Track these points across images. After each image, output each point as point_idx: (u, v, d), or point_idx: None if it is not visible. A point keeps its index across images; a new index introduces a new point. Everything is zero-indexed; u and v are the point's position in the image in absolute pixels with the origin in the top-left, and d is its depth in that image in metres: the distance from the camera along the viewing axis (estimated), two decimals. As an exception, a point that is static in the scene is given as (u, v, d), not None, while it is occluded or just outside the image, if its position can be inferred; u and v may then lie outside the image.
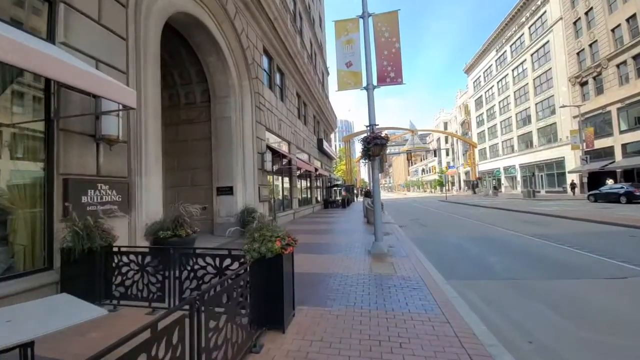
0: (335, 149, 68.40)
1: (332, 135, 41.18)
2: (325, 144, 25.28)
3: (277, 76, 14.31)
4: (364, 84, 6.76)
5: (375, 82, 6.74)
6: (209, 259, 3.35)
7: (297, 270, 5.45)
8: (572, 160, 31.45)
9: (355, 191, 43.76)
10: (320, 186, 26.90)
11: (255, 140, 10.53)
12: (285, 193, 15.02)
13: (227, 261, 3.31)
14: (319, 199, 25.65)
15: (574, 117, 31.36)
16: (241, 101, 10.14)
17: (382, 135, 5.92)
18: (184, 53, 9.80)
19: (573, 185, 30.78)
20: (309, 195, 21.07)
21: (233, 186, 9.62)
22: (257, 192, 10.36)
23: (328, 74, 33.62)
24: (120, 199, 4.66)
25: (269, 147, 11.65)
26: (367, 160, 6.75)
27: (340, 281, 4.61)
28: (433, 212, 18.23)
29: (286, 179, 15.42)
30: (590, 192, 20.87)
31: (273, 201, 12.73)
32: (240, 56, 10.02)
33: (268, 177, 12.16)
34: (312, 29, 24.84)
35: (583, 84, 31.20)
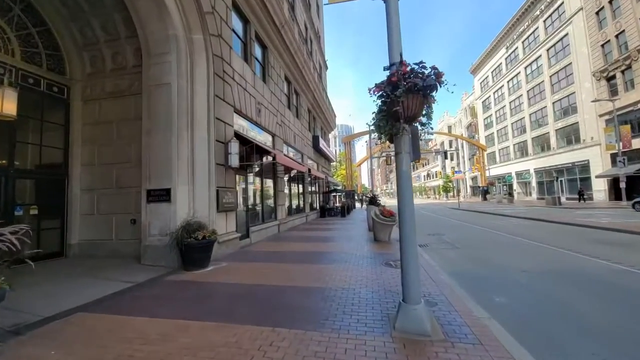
0: (336, 153, 64.92)
1: (330, 136, 37.98)
2: (322, 143, 21.99)
3: (257, 48, 11.09)
4: (380, -14, 3.46)
5: (400, -17, 3.43)
6: None
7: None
8: (599, 163, 28.13)
9: (355, 197, 40.35)
10: (317, 191, 23.53)
11: (214, 122, 7.22)
12: (267, 199, 11.66)
13: None
14: (315, 205, 22.25)
15: (600, 115, 28.18)
16: (190, 63, 6.85)
17: (426, 71, 2.59)
18: (102, -11, 6.57)
19: (581, 193, 27.73)
20: (301, 202, 17.69)
21: (171, 188, 6.26)
22: (213, 197, 7.01)
23: (326, 67, 30.55)
24: None
25: (237, 135, 8.35)
26: (381, 136, 3.39)
27: None
28: (453, 224, 14.81)
29: (269, 182, 12.09)
30: (637, 200, 17.49)
31: (245, 210, 9.36)
32: (188, -3, 6.77)
33: (238, 177, 8.83)
34: (308, 13, 21.79)
35: (610, 78, 28.04)
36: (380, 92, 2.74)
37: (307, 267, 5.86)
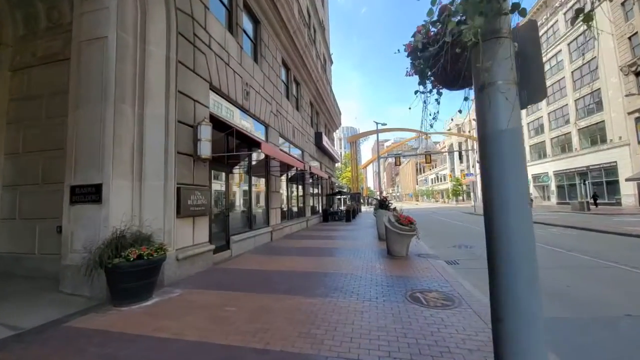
0: (341, 155, 62.80)
1: (335, 137, 36.09)
2: (325, 140, 20.10)
3: (246, 19, 9.27)
4: None
5: None
6: None
7: None
8: (628, 165, 25.68)
9: (361, 200, 38.32)
10: (319, 193, 21.60)
11: (177, 97, 5.38)
12: (256, 201, 9.78)
13: None
14: (317, 208, 20.32)
15: (630, 112, 25.77)
16: (141, 14, 5.03)
17: None
18: None
19: (595, 197, 26.98)
20: (301, 205, 15.77)
21: (102, 184, 4.40)
22: (172, 198, 5.14)
23: (332, 62, 28.74)
24: None
25: (214, 119, 6.50)
26: (427, 73, 1.49)
27: None
28: (478, 232, 12.69)
29: (261, 180, 10.22)
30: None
31: (226, 215, 7.47)
32: None
33: (214, 173, 6.97)
34: (311, -1, 20.04)
35: (639, 73, 25.72)
36: None
37: (294, 302, 3.93)
